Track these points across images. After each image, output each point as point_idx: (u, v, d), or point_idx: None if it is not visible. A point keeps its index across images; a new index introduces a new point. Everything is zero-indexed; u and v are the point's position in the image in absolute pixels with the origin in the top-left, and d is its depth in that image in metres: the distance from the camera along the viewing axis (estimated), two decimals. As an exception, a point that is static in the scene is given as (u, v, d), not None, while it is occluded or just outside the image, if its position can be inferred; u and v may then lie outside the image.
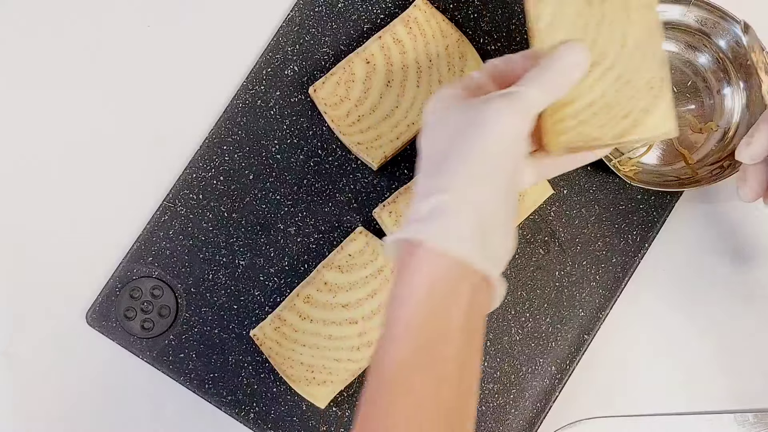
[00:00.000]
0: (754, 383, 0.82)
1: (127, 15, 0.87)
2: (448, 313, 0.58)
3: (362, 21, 0.85)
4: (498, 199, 0.60)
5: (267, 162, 0.83)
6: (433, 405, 0.57)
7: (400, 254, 0.60)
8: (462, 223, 0.58)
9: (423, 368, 0.57)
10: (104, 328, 0.82)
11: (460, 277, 0.58)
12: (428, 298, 0.57)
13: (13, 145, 0.86)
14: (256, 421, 0.81)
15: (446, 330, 0.58)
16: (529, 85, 0.62)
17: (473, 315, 0.59)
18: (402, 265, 0.59)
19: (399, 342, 0.57)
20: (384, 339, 0.58)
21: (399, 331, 0.57)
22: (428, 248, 0.58)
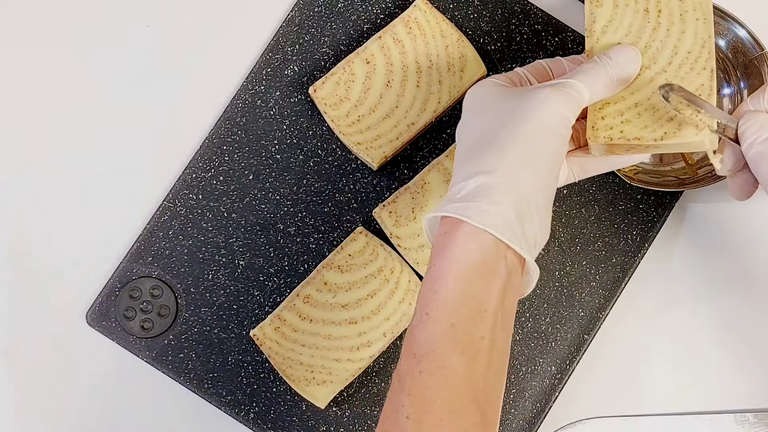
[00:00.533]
0: (754, 383, 0.82)
1: (127, 15, 0.87)
2: (485, 293, 0.58)
3: (362, 21, 0.85)
4: (540, 185, 0.61)
5: (267, 162, 0.83)
6: (464, 383, 0.57)
7: (441, 230, 0.60)
8: (505, 204, 0.59)
9: (456, 345, 0.57)
10: (104, 328, 0.82)
11: (498, 259, 0.59)
12: (466, 277, 0.58)
13: (13, 146, 0.86)
14: (256, 421, 0.81)
15: (481, 309, 0.58)
16: (579, 78, 0.63)
17: (507, 297, 0.60)
18: (441, 241, 0.60)
19: (433, 318, 0.58)
20: (418, 315, 0.59)
21: (434, 308, 0.58)
22: (469, 227, 0.58)
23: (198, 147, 0.84)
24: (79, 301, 0.83)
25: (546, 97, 0.62)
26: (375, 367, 0.81)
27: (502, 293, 0.59)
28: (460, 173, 0.62)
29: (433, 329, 0.58)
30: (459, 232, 0.59)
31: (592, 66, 0.65)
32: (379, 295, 0.79)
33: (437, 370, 0.57)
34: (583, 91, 0.63)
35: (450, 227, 0.60)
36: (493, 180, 0.60)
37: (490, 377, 0.58)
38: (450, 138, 0.83)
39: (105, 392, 0.83)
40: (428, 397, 0.56)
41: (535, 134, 0.61)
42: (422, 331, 0.58)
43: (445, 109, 0.82)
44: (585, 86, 0.63)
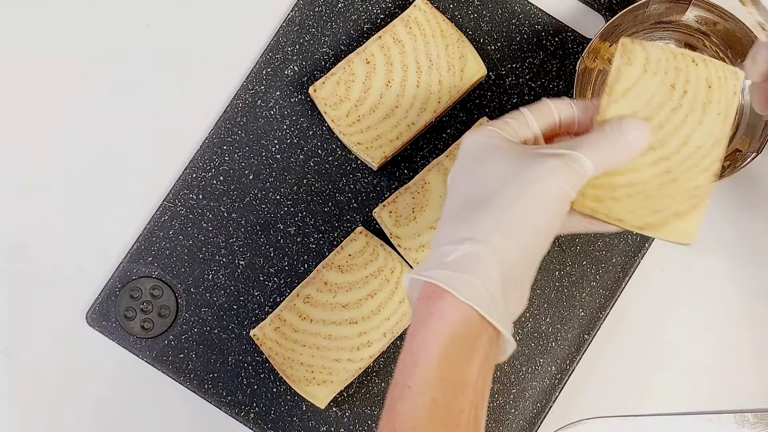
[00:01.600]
0: (754, 383, 0.82)
1: (127, 15, 0.87)
2: (466, 366, 0.57)
3: (362, 21, 0.85)
4: (529, 261, 0.60)
5: (267, 162, 0.83)
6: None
7: (424, 294, 0.59)
8: (492, 280, 0.57)
9: (438, 421, 0.56)
10: (104, 328, 0.82)
11: (481, 332, 0.57)
12: (449, 351, 0.57)
13: (13, 146, 0.86)
14: (256, 421, 0.81)
15: (462, 383, 0.57)
16: (587, 151, 0.61)
17: (487, 366, 0.59)
18: (424, 309, 0.58)
19: (416, 392, 0.57)
20: (400, 387, 0.58)
21: (416, 381, 0.57)
22: (454, 298, 0.57)
23: (198, 147, 0.84)
24: (79, 301, 0.83)
25: (552, 171, 0.59)
26: (375, 367, 0.81)
27: (482, 365, 0.58)
28: (449, 232, 0.60)
29: (415, 404, 0.56)
30: (443, 303, 0.57)
31: (601, 139, 0.62)
32: (379, 295, 0.79)
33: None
34: (589, 167, 0.61)
35: (434, 294, 0.58)
36: (483, 251, 0.58)
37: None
38: (450, 138, 0.83)
39: (105, 392, 0.83)
40: None
41: (534, 208, 0.59)
42: (404, 406, 0.57)
43: (445, 109, 0.82)
44: (591, 162, 0.61)
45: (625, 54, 0.65)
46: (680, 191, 0.63)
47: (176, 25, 0.87)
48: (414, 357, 0.57)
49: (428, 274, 0.58)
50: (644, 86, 0.65)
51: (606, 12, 0.85)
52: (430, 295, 0.58)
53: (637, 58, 0.65)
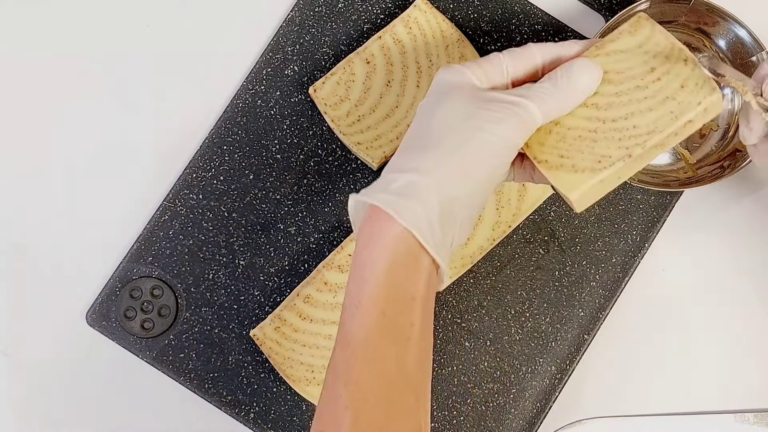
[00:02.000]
0: (754, 383, 0.82)
1: (127, 15, 0.87)
2: (412, 281, 0.60)
3: (362, 21, 0.85)
4: (471, 198, 0.62)
5: (267, 162, 0.83)
6: (398, 369, 0.58)
7: (368, 216, 0.61)
8: (431, 208, 0.60)
9: (388, 334, 0.59)
10: (104, 328, 0.82)
11: (423, 253, 0.60)
12: (394, 266, 0.59)
13: (13, 146, 0.86)
14: (256, 421, 0.81)
15: (409, 297, 0.60)
16: (538, 101, 0.63)
17: (431, 286, 0.61)
18: (368, 229, 0.61)
19: (365, 307, 0.59)
20: (349, 307, 0.60)
21: (364, 296, 0.59)
22: (396, 222, 0.59)
23: (198, 147, 0.84)
24: (79, 301, 0.83)
25: (499, 120, 0.62)
26: (375, 367, 0.81)
27: (426, 282, 0.60)
28: (398, 161, 0.63)
29: (365, 318, 0.59)
30: (386, 224, 0.60)
31: (552, 88, 0.64)
32: (379, 295, 0.79)
33: (371, 360, 0.58)
34: (537, 116, 0.63)
35: (378, 216, 0.60)
36: (424, 181, 0.60)
37: (420, 362, 0.60)
38: (450, 138, 0.83)
39: (105, 392, 0.83)
40: (364, 387, 0.58)
41: (478, 152, 0.61)
42: (354, 321, 0.59)
43: (445, 109, 0.82)
44: (540, 111, 0.63)
45: (634, 26, 0.68)
46: (591, 151, 0.64)
47: (176, 26, 0.87)
48: (360, 272, 0.60)
49: (372, 197, 0.61)
50: (629, 57, 0.67)
51: (606, 12, 0.85)
52: (372, 216, 0.60)
53: (641, 34, 0.67)
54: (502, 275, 0.82)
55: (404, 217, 0.59)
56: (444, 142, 0.62)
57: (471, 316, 0.81)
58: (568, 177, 0.64)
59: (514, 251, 0.82)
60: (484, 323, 0.81)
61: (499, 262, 0.82)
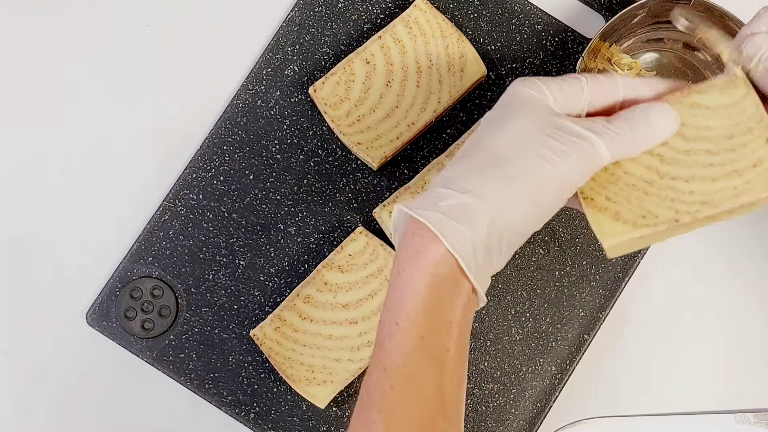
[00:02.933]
0: (754, 383, 0.82)
1: (127, 15, 0.87)
2: (451, 305, 0.58)
3: (362, 21, 0.85)
4: (521, 232, 0.60)
5: (267, 162, 0.83)
6: (434, 396, 0.57)
7: (411, 230, 0.59)
8: (481, 235, 0.58)
9: (425, 358, 0.57)
10: (104, 328, 0.82)
11: (463, 277, 0.58)
12: (436, 288, 0.57)
13: (13, 146, 0.86)
14: (256, 421, 0.81)
15: (446, 321, 0.58)
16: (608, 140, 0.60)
17: (468, 312, 0.59)
18: (411, 245, 0.58)
19: (403, 330, 0.57)
20: (387, 324, 0.58)
21: (403, 318, 0.57)
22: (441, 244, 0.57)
23: (198, 147, 0.84)
24: (79, 301, 0.83)
25: (567, 155, 0.59)
26: (375, 367, 0.81)
27: (464, 306, 0.59)
28: (454, 176, 0.60)
29: (403, 341, 0.57)
30: (431, 243, 0.58)
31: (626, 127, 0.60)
32: (379, 295, 0.79)
33: (406, 385, 0.57)
34: (606, 157, 0.60)
35: (424, 234, 0.58)
36: (479, 206, 0.58)
37: (455, 387, 0.58)
38: (450, 138, 0.83)
39: (105, 392, 0.83)
40: (398, 414, 0.56)
41: (539, 184, 0.59)
42: (392, 343, 0.57)
43: (445, 109, 0.82)
44: (609, 151, 0.60)
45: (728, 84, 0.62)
46: (639, 204, 0.61)
47: (176, 26, 0.87)
48: (401, 293, 0.58)
49: (421, 213, 0.58)
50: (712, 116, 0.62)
51: (606, 12, 0.85)
52: (417, 233, 0.58)
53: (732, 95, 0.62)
54: (503, 275, 0.82)
55: (450, 240, 0.57)
56: (506, 166, 0.59)
57: (471, 316, 0.81)
58: (608, 223, 0.61)
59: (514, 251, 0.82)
60: (484, 323, 0.81)
61: (499, 262, 0.82)
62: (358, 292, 0.79)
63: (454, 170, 0.60)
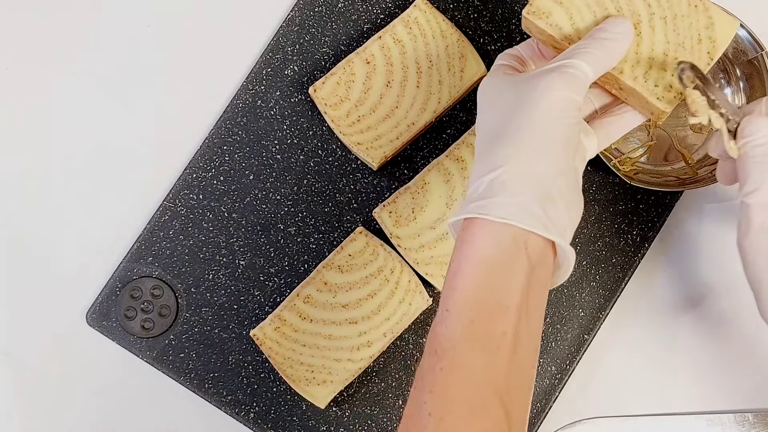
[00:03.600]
0: (754, 383, 0.82)
1: (127, 15, 0.87)
2: (505, 288, 0.58)
3: (362, 21, 0.85)
4: (556, 171, 0.60)
5: (267, 162, 0.83)
6: (485, 380, 0.56)
7: (460, 229, 0.60)
8: (523, 195, 0.58)
9: (476, 342, 0.57)
10: (104, 328, 0.82)
11: (517, 253, 0.58)
12: (483, 272, 0.58)
13: (13, 146, 0.86)
14: (256, 421, 0.81)
15: (502, 305, 0.58)
16: (580, 56, 0.62)
17: (533, 292, 0.59)
18: (459, 239, 0.60)
19: (453, 315, 0.58)
20: (440, 311, 0.59)
21: (453, 304, 0.58)
22: (485, 222, 0.58)
23: (198, 147, 0.84)
24: (79, 301, 0.83)
25: (549, 83, 0.61)
26: (375, 367, 0.81)
27: (525, 288, 0.58)
28: (476, 171, 0.62)
29: (453, 325, 0.57)
30: (475, 228, 0.59)
31: (589, 42, 0.64)
32: (379, 295, 0.79)
33: (457, 368, 0.57)
34: (586, 69, 0.62)
35: (467, 225, 0.60)
36: (505, 175, 0.59)
37: (513, 374, 0.57)
38: (450, 138, 0.83)
39: (105, 392, 0.83)
40: (449, 395, 0.56)
41: (542, 123, 0.60)
42: (442, 328, 0.58)
43: (445, 109, 0.82)
44: (586, 63, 0.62)
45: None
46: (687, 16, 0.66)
47: (176, 26, 0.87)
48: (450, 281, 0.59)
49: (462, 212, 0.60)
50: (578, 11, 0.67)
51: (606, 12, 0.85)
52: (465, 228, 0.60)
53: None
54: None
55: (492, 213, 0.58)
56: (507, 131, 0.61)
57: (471, 316, 0.81)
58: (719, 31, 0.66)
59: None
60: (484, 323, 0.81)
61: (499, 262, 0.82)
62: (357, 292, 0.79)
63: (473, 169, 0.62)
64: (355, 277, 0.80)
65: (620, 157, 0.81)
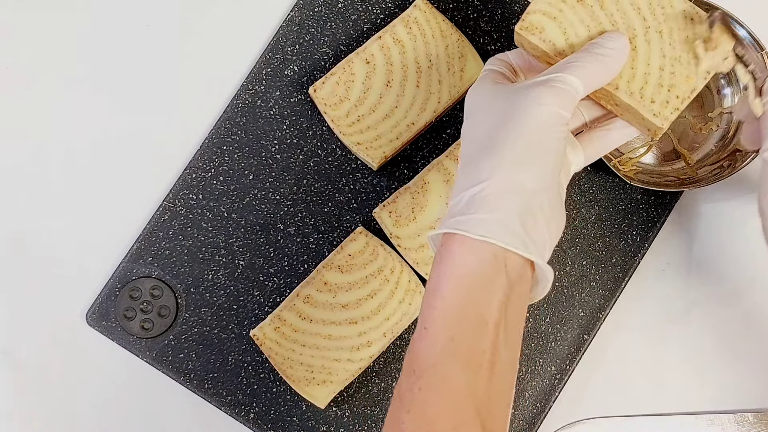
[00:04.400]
0: (754, 383, 0.82)
1: (127, 15, 0.87)
2: (485, 305, 0.57)
3: (362, 21, 0.85)
4: (541, 186, 0.59)
5: (267, 162, 0.83)
6: (465, 397, 0.56)
7: (440, 245, 0.60)
8: (504, 211, 0.58)
9: (456, 359, 0.56)
10: (104, 328, 0.82)
11: (497, 270, 0.58)
12: (463, 289, 0.57)
13: (13, 145, 0.86)
14: (256, 421, 0.81)
15: (482, 322, 0.57)
16: (571, 71, 0.61)
17: (511, 308, 0.58)
18: (438, 255, 0.59)
19: (432, 333, 0.57)
20: (418, 329, 0.58)
21: (432, 322, 0.57)
22: (464, 239, 0.57)
23: (198, 147, 0.84)
24: (79, 301, 0.83)
25: (537, 97, 0.60)
26: (375, 367, 0.81)
27: (504, 305, 0.58)
28: (459, 184, 0.61)
29: (432, 343, 0.57)
30: (454, 245, 0.58)
31: (582, 56, 0.63)
32: (379, 295, 0.79)
33: (436, 386, 0.56)
34: (576, 84, 0.61)
35: (446, 240, 0.59)
36: (488, 189, 0.58)
37: (493, 391, 0.57)
38: (450, 138, 0.83)
39: (105, 392, 0.83)
40: (428, 414, 0.56)
41: (529, 137, 0.59)
42: (421, 345, 0.57)
43: (445, 109, 0.82)
44: (577, 78, 0.61)
45: None
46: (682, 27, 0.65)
47: (176, 25, 0.87)
48: (429, 299, 0.58)
49: (441, 227, 0.59)
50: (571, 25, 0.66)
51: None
52: (444, 243, 0.59)
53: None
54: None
55: (472, 231, 0.57)
56: (493, 143, 0.60)
57: (471, 316, 0.81)
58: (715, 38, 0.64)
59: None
60: (484, 323, 0.81)
61: (498, 262, 0.82)
62: (357, 292, 0.79)
63: (458, 180, 0.62)
64: (355, 277, 0.79)
65: (620, 157, 0.81)
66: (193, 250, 0.82)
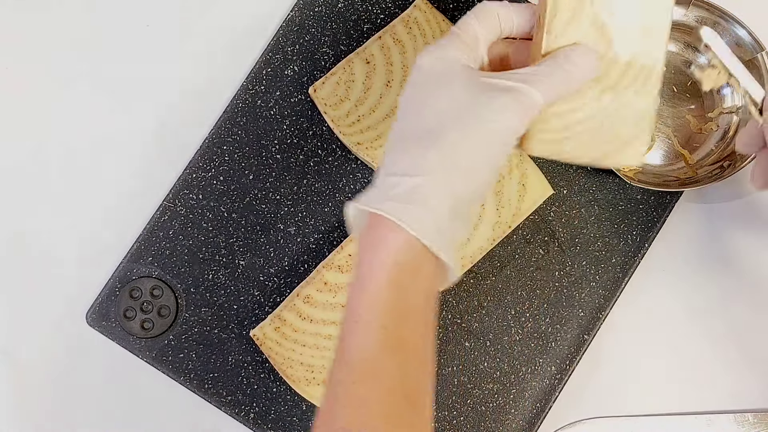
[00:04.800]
0: (754, 383, 0.82)
1: (127, 15, 0.87)
2: (414, 293, 0.58)
3: (362, 21, 0.85)
4: (474, 197, 0.60)
5: (267, 162, 0.83)
6: (398, 386, 0.56)
7: (367, 226, 0.59)
8: (439, 213, 0.58)
9: (388, 348, 0.56)
10: (104, 328, 0.82)
11: (425, 261, 0.58)
12: (396, 277, 0.57)
13: (13, 145, 0.86)
14: (256, 421, 0.81)
15: (410, 309, 0.58)
16: (538, 86, 0.60)
17: (431, 296, 0.59)
18: (370, 239, 0.58)
19: (364, 322, 0.57)
20: (348, 321, 0.58)
21: (364, 310, 0.57)
22: (400, 229, 0.57)
23: (198, 147, 0.84)
24: (79, 301, 0.83)
25: (502, 109, 0.59)
26: (375, 367, 0.81)
27: (427, 291, 0.59)
28: (395, 161, 0.60)
29: (365, 334, 0.57)
30: (389, 232, 0.57)
31: (552, 71, 0.61)
32: (379, 295, 0.79)
33: (371, 377, 0.56)
34: (539, 101, 0.60)
35: (381, 225, 0.58)
36: (430, 185, 0.58)
37: (421, 375, 0.58)
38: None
39: (105, 392, 0.83)
40: (362, 408, 0.56)
41: (483, 146, 0.59)
42: (353, 337, 0.57)
43: (445, 109, 0.81)
44: (542, 95, 0.60)
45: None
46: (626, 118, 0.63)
47: (176, 25, 0.87)
48: (361, 284, 0.58)
49: (376, 206, 0.58)
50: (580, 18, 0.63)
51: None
52: (375, 225, 0.58)
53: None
54: (502, 275, 0.82)
55: (411, 225, 0.57)
56: (443, 137, 0.59)
57: (471, 317, 0.81)
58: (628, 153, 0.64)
59: (514, 251, 0.82)
60: (484, 323, 0.81)
61: (499, 263, 0.82)
62: (357, 292, 0.79)
63: (396, 157, 0.60)
64: (355, 277, 0.79)
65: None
66: (193, 250, 0.82)
